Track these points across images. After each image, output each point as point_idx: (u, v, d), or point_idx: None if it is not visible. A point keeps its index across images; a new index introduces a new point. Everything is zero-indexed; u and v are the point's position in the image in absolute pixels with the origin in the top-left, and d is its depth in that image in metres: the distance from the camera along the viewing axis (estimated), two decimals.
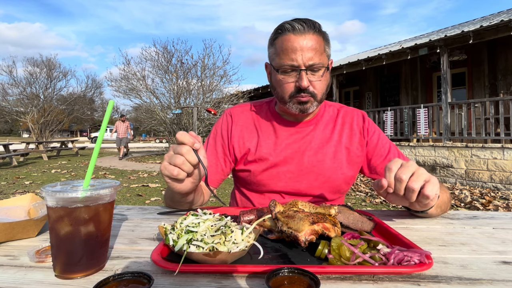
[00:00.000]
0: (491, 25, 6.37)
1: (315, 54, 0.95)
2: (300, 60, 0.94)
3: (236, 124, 1.14)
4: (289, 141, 1.09)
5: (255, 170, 1.08)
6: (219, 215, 0.67)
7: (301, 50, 0.94)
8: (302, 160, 1.07)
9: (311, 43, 0.94)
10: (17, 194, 5.47)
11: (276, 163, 1.07)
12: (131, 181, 6.87)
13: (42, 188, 0.54)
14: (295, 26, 0.95)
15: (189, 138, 0.72)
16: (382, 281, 0.52)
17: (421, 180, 0.71)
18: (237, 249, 0.56)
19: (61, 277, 0.53)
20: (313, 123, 1.12)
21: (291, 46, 0.94)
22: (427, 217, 0.91)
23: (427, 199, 0.72)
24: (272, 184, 1.08)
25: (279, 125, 1.11)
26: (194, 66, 13.28)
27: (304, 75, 0.95)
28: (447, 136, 7.20)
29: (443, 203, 0.90)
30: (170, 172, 0.73)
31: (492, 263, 0.59)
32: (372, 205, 4.65)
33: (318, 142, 1.09)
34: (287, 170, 1.07)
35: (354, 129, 1.13)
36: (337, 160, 1.08)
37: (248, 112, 1.17)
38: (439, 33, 10.20)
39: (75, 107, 26.19)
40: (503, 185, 6.13)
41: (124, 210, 0.99)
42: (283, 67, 0.97)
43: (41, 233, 0.75)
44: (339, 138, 1.11)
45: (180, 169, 0.73)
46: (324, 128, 1.12)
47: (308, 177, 1.07)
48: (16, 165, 9.95)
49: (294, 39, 0.94)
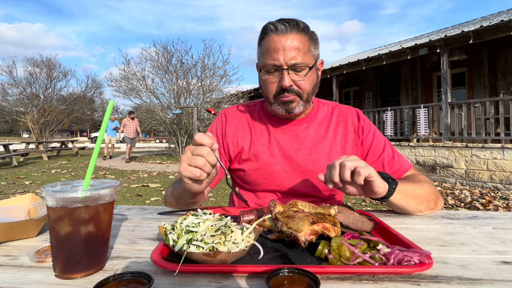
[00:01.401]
0: (491, 25, 6.37)
1: (298, 54, 0.95)
2: (282, 59, 0.95)
3: (230, 124, 1.15)
4: (282, 140, 1.09)
5: (249, 169, 1.09)
6: (219, 215, 0.67)
7: (283, 50, 0.95)
8: (296, 159, 1.07)
9: (294, 43, 0.95)
10: (17, 194, 5.47)
11: (270, 162, 1.07)
12: (131, 181, 6.87)
13: (42, 188, 0.54)
14: (278, 27, 0.96)
15: (207, 139, 0.73)
16: (382, 281, 0.52)
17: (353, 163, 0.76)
18: (237, 249, 0.56)
19: (61, 277, 0.53)
20: (306, 121, 1.12)
21: (274, 46, 0.96)
22: (409, 215, 0.93)
23: (359, 175, 0.75)
24: (267, 183, 1.08)
25: (271, 124, 1.12)
26: (194, 66, 13.29)
27: (286, 74, 0.96)
28: (447, 136, 7.20)
29: (415, 195, 0.90)
30: (193, 173, 0.73)
31: (492, 263, 0.59)
32: (372, 205, 4.65)
33: (312, 141, 1.09)
34: (281, 169, 1.07)
35: (349, 127, 1.12)
36: (332, 159, 1.07)
37: (242, 112, 1.18)
38: (439, 33, 10.20)
39: (75, 107, 26.21)
40: (503, 185, 6.12)
41: (124, 210, 0.99)
42: (266, 67, 0.98)
43: (41, 233, 0.75)
44: (333, 137, 1.10)
45: (202, 170, 0.73)
46: (318, 126, 1.12)
47: (303, 176, 1.07)
48: (16, 165, 9.95)
49: (277, 39, 0.96)
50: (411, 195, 0.89)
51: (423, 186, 0.94)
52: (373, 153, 1.10)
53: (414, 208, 0.91)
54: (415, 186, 0.92)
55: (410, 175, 1.06)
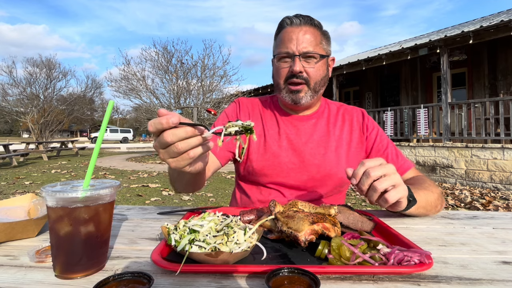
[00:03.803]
0: (491, 25, 6.37)
1: (310, 44, 1.02)
2: (294, 48, 1.02)
3: (244, 110, 1.18)
4: (291, 133, 1.12)
5: (257, 159, 1.10)
6: (222, 214, 0.67)
7: (296, 39, 1.02)
8: (304, 151, 1.09)
9: (307, 34, 1.03)
10: (17, 194, 5.47)
11: (278, 153, 1.09)
12: (131, 181, 6.87)
13: (42, 188, 0.54)
14: (293, 20, 1.05)
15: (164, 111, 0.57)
16: (382, 281, 0.52)
17: (387, 183, 0.70)
18: (239, 249, 0.56)
19: (61, 277, 0.53)
20: (315, 118, 1.15)
21: (288, 36, 1.04)
22: (410, 216, 0.92)
23: (386, 202, 0.71)
24: (274, 175, 1.09)
25: (281, 118, 1.15)
26: (194, 66, 13.31)
27: (297, 60, 1.02)
28: (447, 136, 7.20)
29: (427, 203, 0.89)
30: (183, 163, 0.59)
31: (492, 263, 0.59)
32: (372, 205, 4.66)
33: (320, 136, 1.12)
34: (289, 161, 1.09)
35: (354, 125, 1.16)
36: (338, 154, 1.10)
37: (255, 103, 1.22)
38: (439, 33, 10.20)
39: (75, 107, 26.21)
40: (503, 185, 6.12)
41: (124, 210, 0.99)
42: (280, 54, 1.05)
43: (41, 233, 0.75)
44: (340, 133, 1.14)
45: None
46: (326, 123, 1.15)
47: (310, 169, 1.08)
48: (16, 165, 9.94)
49: (291, 30, 1.04)
50: (423, 205, 0.88)
51: (433, 192, 0.93)
52: (377, 150, 1.13)
53: (423, 215, 0.92)
54: (426, 194, 0.90)
55: (416, 178, 1.07)
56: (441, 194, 0.98)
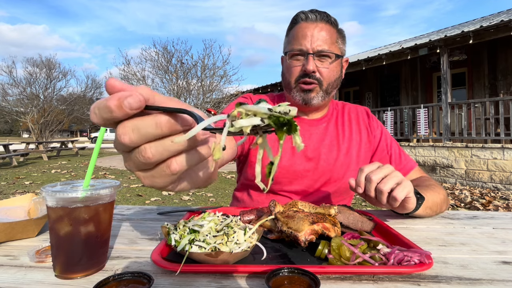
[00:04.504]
0: (491, 25, 6.37)
1: (325, 42, 0.96)
2: (308, 45, 0.96)
3: None
4: (304, 138, 1.07)
5: None
6: (222, 214, 0.67)
7: (311, 36, 0.96)
8: (317, 158, 1.05)
9: (322, 32, 0.97)
10: (17, 194, 5.47)
11: (293, 160, 1.04)
12: (131, 181, 6.87)
13: (42, 188, 0.54)
14: (308, 15, 0.98)
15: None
16: (382, 281, 0.52)
17: (391, 183, 0.71)
18: (239, 249, 0.56)
19: (61, 277, 0.53)
20: (325, 121, 1.11)
21: (302, 32, 0.97)
22: (417, 217, 0.91)
23: (395, 201, 0.71)
24: (287, 182, 1.04)
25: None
26: (194, 66, 13.30)
27: (311, 59, 0.96)
28: (447, 136, 7.20)
29: (433, 204, 0.89)
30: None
31: (492, 263, 0.59)
32: (372, 205, 4.66)
33: (331, 139, 1.08)
34: (303, 169, 1.04)
35: (361, 124, 1.14)
36: (350, 156, 1.07)
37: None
38: (439, 33, 10.19)
39: (75, 107, 26.20)
40: (503, 185, 6.12)
41: (124, 210, 0.99)
42: (293, 51, 0.98)
43: (41, 233, 0.75)
44: (349, 135, 1.11)
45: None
46: (335, 125, 1.12)
47: (323, 175, 1.05)
48: (16, 165, 9.94)
49: (306, 26, 0.98)
50: (430, 206, 0.88)
51: (439, 193, 0.93)
52: (381, 149, 1.12)
53: (429, 215, 0.91)
54: (433, 195, 0.89)
55: (421, 179, 1.06)
56: (446, 196, 0.97)
